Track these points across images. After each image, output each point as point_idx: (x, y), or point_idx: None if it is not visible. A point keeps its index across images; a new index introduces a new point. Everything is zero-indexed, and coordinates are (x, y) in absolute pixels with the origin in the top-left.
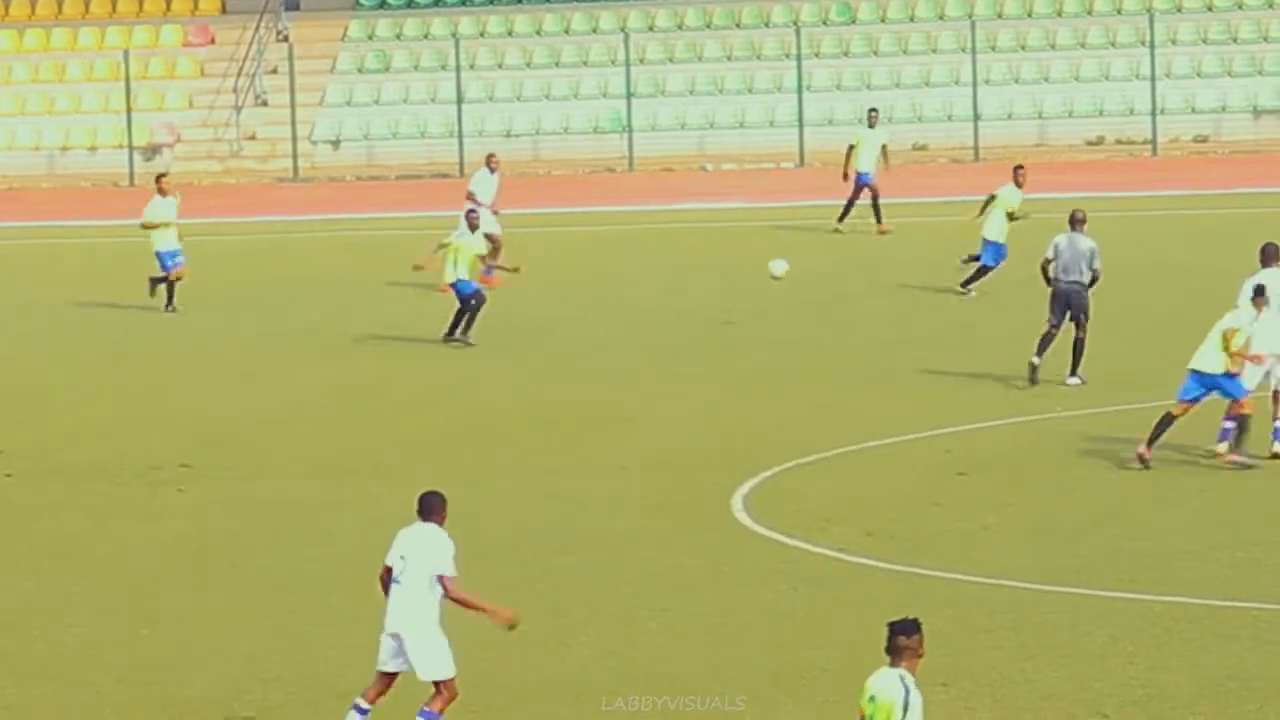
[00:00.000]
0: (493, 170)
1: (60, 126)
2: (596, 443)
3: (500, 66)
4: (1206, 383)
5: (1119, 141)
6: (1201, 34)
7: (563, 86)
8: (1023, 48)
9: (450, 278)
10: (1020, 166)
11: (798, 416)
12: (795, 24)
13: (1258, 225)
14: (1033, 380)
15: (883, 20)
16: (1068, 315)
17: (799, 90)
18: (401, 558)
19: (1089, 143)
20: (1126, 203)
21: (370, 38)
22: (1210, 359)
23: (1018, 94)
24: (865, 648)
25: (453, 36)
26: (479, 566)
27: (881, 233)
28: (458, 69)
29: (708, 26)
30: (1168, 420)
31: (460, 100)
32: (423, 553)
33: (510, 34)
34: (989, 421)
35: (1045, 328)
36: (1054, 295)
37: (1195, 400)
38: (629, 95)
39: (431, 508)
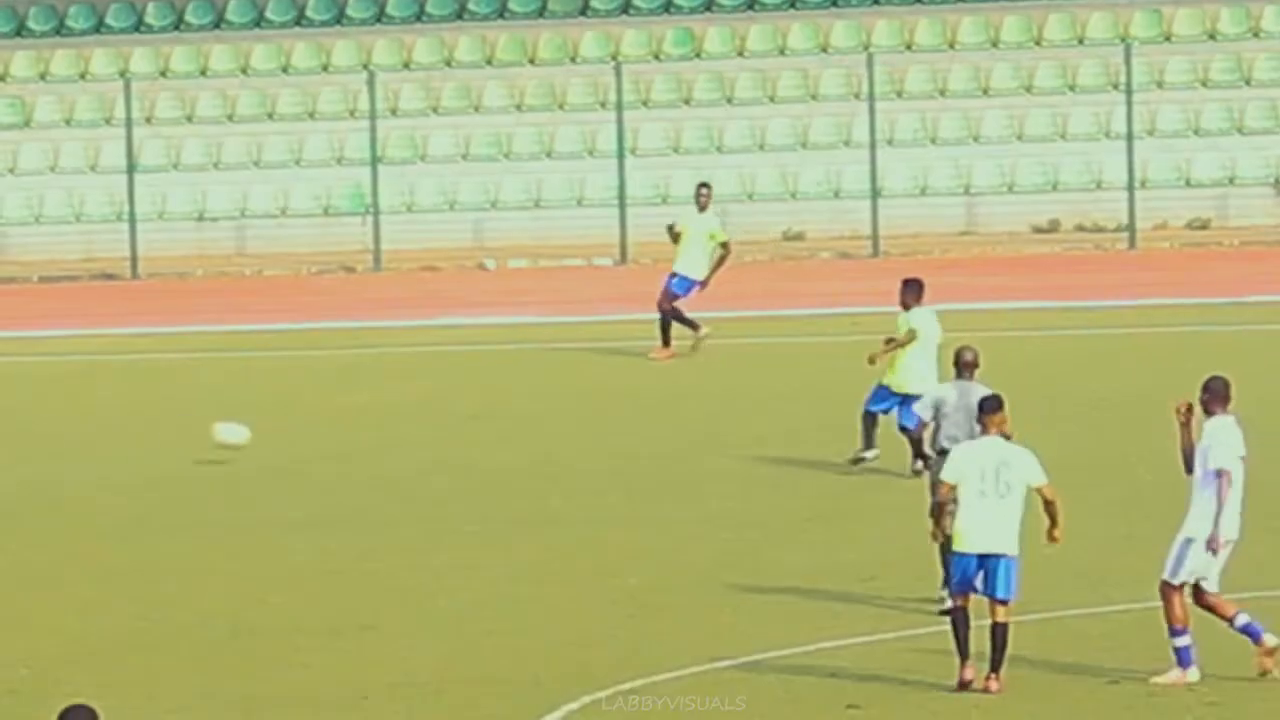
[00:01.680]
0: None
1: None
2: (325, 661)
3: (190, 119)
4: None
5: (1081, 228)
6: (1200, 72)
7: (279, 148)
8: (941, 92)
9: None
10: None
11: (615, 623)
12: (614, 58)
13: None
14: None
15: (740, 53)
16: None
17: (619, 154)
18: None
19: (1038, 230)
20: (1091, 317)
21: (1, 78)
22: None
23: (935, 159)
24: None
25: (122, 76)
26: None
27: (655, 359)
28: (128, 123)
29: (488, 62)
30: None
31: (133, 168)
32: None
33: (204, 73)
34: (892, 632)
35: (932, 525)
36: (936, 471)
37: None
38: (374, 160)
39: None
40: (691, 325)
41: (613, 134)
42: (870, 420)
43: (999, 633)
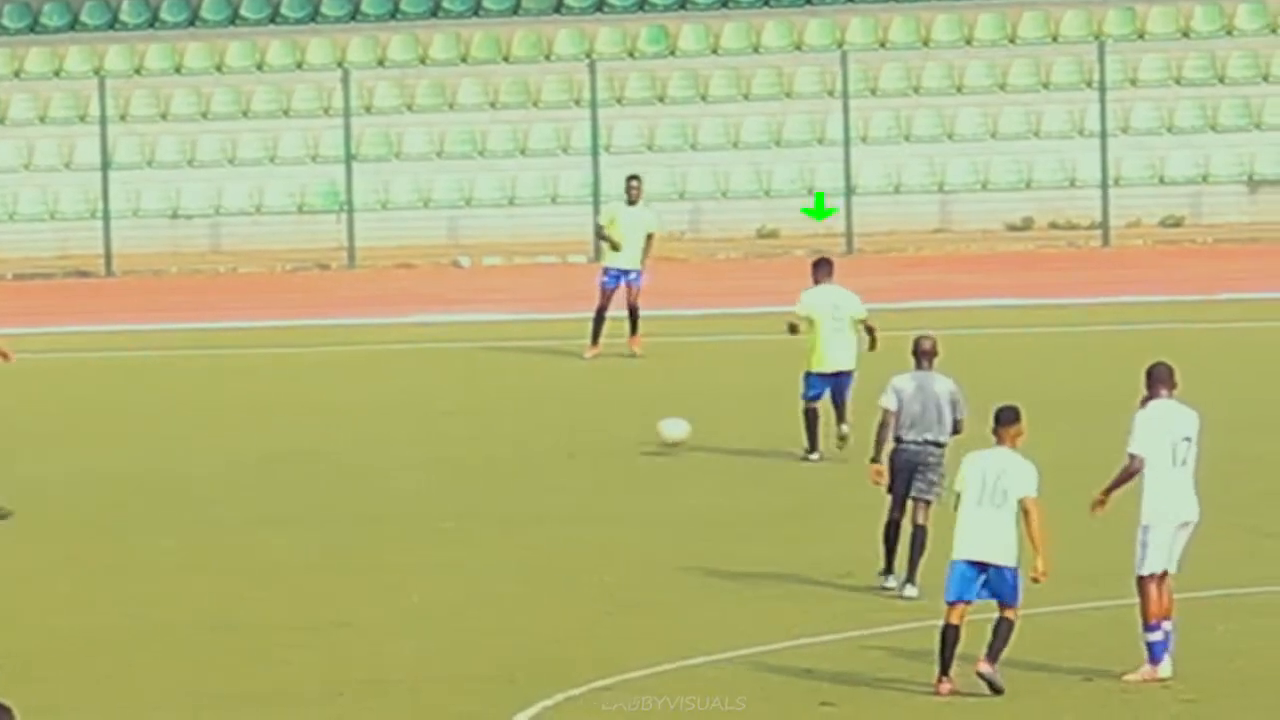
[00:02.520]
0: None
1: None
2: (302, 657)
3: (164, 117)
4: None
5: (1055, 226)
6: (1174, 70)
7: (254, 145)
8: (916, 90)
9: None
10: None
11: (591, 621)
12: (589, 56)
13: (1255, 346)
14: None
15: (714, 51)
16: (911, 492)
17: (593, 151)
18: None
19: (1011, 227)
20: (1065, 314)
21: None
22: None
23: (909, 156)
24: None
25: (96, 74)
26: None
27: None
28: (103, 120)
29: (462, 60)
30: None
31: (107, 165)
32: None
33: (178, 70)
34: (867, 629)
35: (885, 517)
36: (895, 465)
37: None
38: (348, 158)
39: None
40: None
41: (587, 132)
42: (812, 417)
43: (1004, 626)
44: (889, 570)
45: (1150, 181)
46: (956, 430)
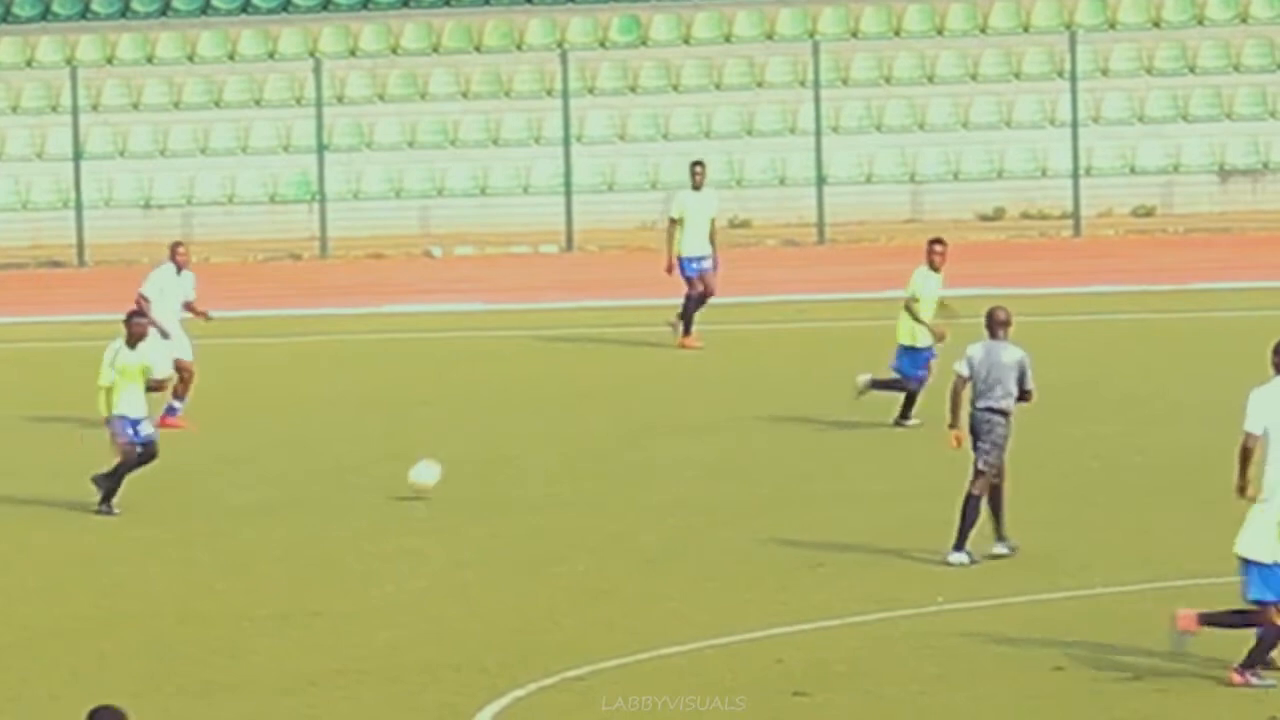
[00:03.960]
0: (180, 267)
1: None
2: (273, 647)
3: (136, 106)
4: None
5: (1026, 216)
6: (1145, 60)
7: (226, 135)
8: (887, 80)
9: (112, 410)
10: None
11: (562, 610)
12: (560, 45)
13: (1226, 335)
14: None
15: (686, 41)
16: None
17: (565, 141)
18: None
19: (982, 217)
20: (1036, 304)
21: None
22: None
23: (881, 147)
24: None
25: (68, 64)
26: None
27: (684, 346)
28: (74, 110)
29: (434, 50)
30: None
31: (79, 155)
32: None
33: (150, 60)
34: (839, 618)
35: (971, 486)
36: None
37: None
38: (320, 148)
39: None
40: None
41: (559, 122)
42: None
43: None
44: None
45: (1121, 171)
46: (1024, 398)
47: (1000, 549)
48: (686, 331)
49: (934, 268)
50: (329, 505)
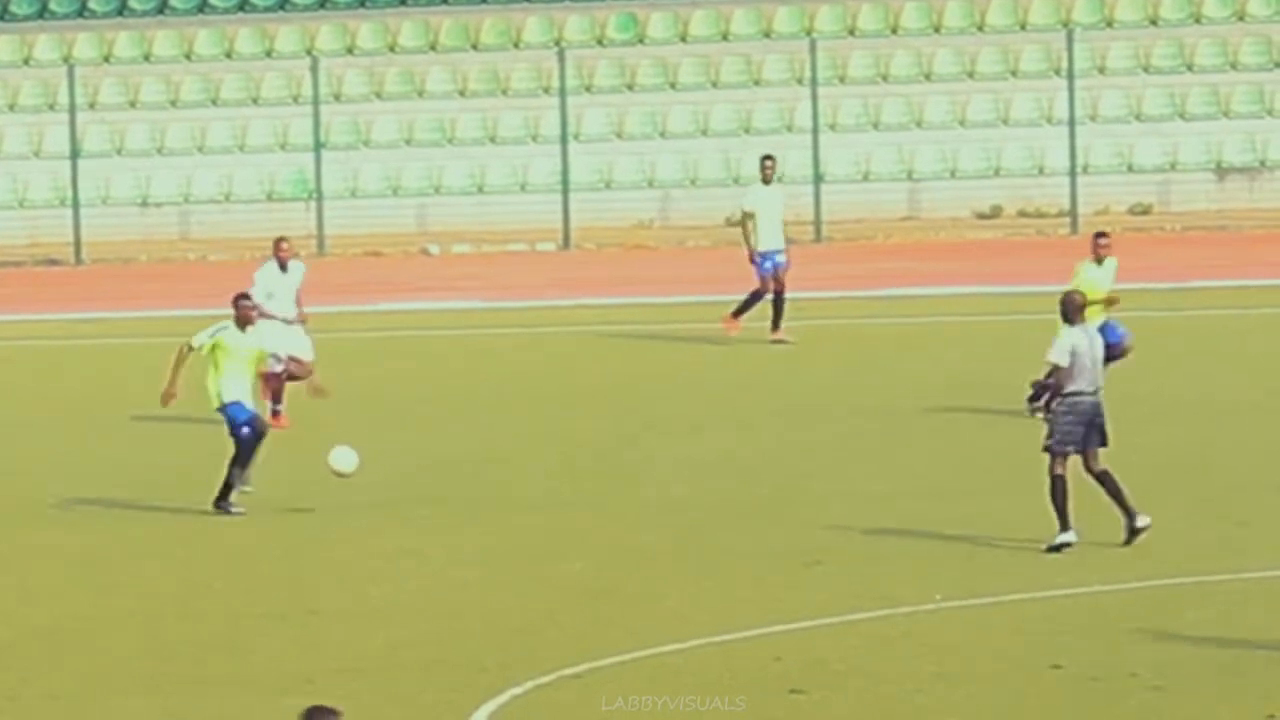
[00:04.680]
0: (284, 263)
1: None
2: (271, 645)
3: (134, 104)
4: None
5: (1023, 214)
6: (1142, 58)
7: (223, 133)
8: (884, 77)
9: (222, 398)
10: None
11: (561, 609)
12: (558, 44)
13: (1223, 333)
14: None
15: (684, 39)
16: (1091, 441)
17: (563, 139)
18: None
19: (980, 215)
20: (1034, 302)
21: None
22: None
23: (878, 144)
24: None
25: (65, 62)
26: None
27: (777, 341)
28: (72, 108)
29: (431, 47)
30: None
31: (76, 154)
32: None
33: (147, 58)
34: (837, 617)
35: (1052, 475)
36: (1074, 416)
37: None
38: (318, 146)
39: None
40: (751, 305)
41: (556, 119)
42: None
43: None
44: (1066, 527)
45: (1119, 169)
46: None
47: (1144, 520)
48: (736, 315)
49: (1098, 261)
50: (326, 503)
